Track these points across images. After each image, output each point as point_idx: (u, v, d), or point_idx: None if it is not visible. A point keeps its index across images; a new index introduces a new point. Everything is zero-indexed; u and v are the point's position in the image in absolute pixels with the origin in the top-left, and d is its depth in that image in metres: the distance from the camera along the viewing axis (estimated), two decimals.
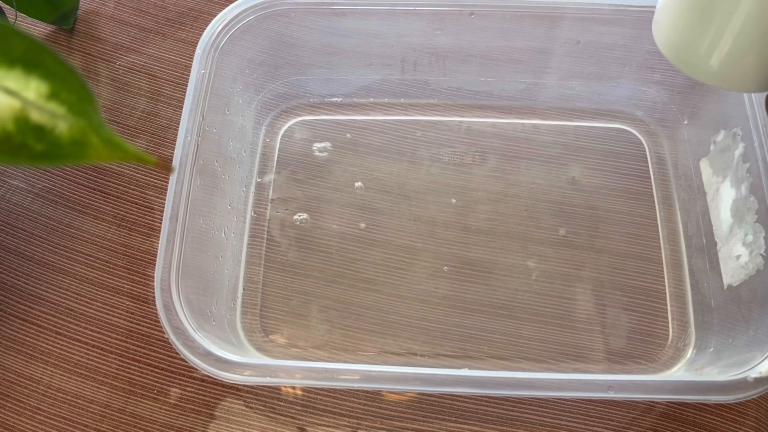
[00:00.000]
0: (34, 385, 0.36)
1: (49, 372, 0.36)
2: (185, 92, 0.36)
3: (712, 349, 0.36)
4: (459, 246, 0.40)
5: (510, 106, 0.44)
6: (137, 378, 0.36)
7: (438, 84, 0.44)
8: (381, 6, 0.39)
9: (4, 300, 0.38)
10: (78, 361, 0.37)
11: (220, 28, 0.38)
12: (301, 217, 0.37)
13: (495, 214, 0.41)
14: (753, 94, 0.36)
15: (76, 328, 0.37)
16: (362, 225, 0.41)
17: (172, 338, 0.31)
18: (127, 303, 0.38)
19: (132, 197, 0.41)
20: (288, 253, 0.40)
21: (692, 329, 0.38)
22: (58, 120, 0.18)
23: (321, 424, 0.35)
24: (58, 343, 0.37)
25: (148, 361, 0.37)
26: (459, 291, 0.39)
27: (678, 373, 0.36)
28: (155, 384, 0.36)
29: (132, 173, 0.42)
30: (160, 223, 0.33)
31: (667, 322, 0.38)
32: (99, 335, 0.37)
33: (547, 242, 0.40)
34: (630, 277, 0.39)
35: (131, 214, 0.41)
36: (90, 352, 0.37)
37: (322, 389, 0.36)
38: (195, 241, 0.34)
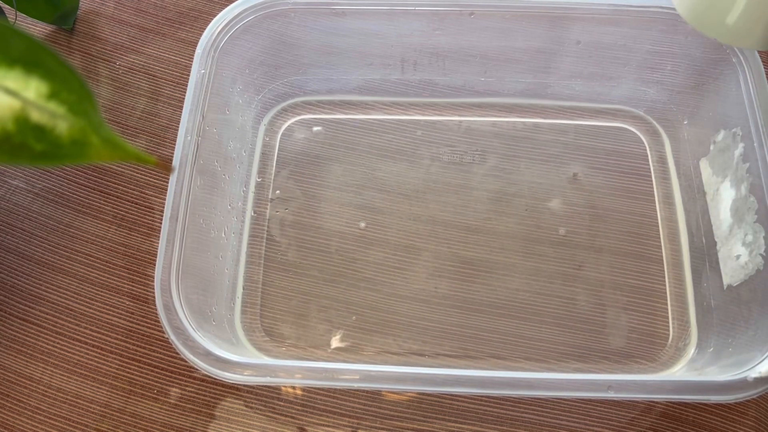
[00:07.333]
0: (34, 385, 0.36)
1: (49, 372, 0.36)
2: (185, 92, 0.36)
3: (712, 349, 0.36)
4: (459, 246, 0.40)
5: (510, 105, 0.44)
6: (137, 378, 0.36)
7: (438, 83, 0.44)
8: (381, 6, 0.39)
9: (4, 300, 0.38)
10: (78, 361, 0.37)
11: (220, 28, 0.38)
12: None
13: (495, 213, 0.41)
14: (753, 93, 0.36)
15: (76, 328, 0.37)
16: (362, 225, 0.41)
17: (172, 338, 0.31)
18: (127, 303, 0.38)
19: (132, 197, 0.41)
20: (288, 252, 0.40)
21: (692, 329, 0.38)
22: (58, 120, 0.18)
23: (321, 424, 0.35)
24: (58, 343, 0.37)
25: (148, 361, 0.37)
26: (459, 291, 0.39)
27: (678, 373, 0.36)
28: (155, 384, 0.36)
29: (132, 173, 0.42)
30: (160, 223, 0.33)
31: (668, 322, 0.38)
32: (99, 335, 0.37)
33: (547, 242, 0.40)
34: (630, 276, 0.39)
35: (131, 214, 0.41)
36: (90, 352, 0.37)
37: (322, 389, 0.36)
38: (195, 241, 0.34)
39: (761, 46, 0.30)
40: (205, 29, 0.38)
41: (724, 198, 0.38)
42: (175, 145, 0.35)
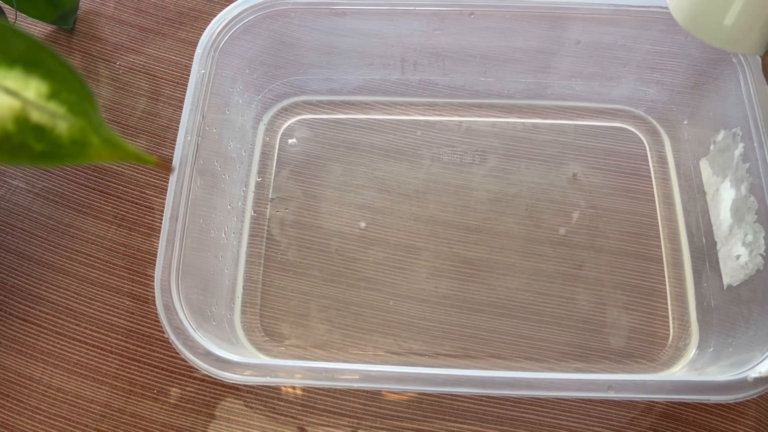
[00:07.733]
0: (34, 385, 0.36)
1: (49, 372, 0.36)
2: (185, 92, 0.36)
3: (712, 349, 0.36)
4: (459, 245, 0.40)
5: (510, 106, 0.44)
6: (137, 378, 0.36)
7: (438, 84, 0.44)
8: (381, 6, 0.39)
9: (4, 300, 0.38)
10: (78, 361, 0.37)
11: (220, 28, 0.38)
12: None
13: (495, 213, 0.41)
14: (753, 93, 0.36)
15: (76, 328, 0.37)
16: (362, 224, 0.41)
17: (172, 338, 0.31)
18: (127, 303, 0.38)
19: (132, 197, 0.41)
20: (288, 252, 0.40)
21: (692, 329, 0.38)
22: (58, 120, 0.18)
23: (321, 424, 0.35)
24: (58, 343, 0.37)
25: (148, 361, 0.37)
26: (459, 291, 0.39)
27: (678, 372, 0.36)
28: (155, 384, 0.36)
29: (132, 173, 0.42)
30: (160, 223, 0.33)
31: (668, 322, 0.38)
32: (99, 335, 0.37)
33: (548, 242, 0.40)
34: (630, 276, 0.39)
35: (131, 214, 0.41)
36: (90, 352, 0.37)
37: (322, 389, 0.36)
38: (195, 241, 0.34)
39: (757, 50, 0.30)
40: (205, 29, 0.38)
41: (724, 198, 0.38)
42: (175, 145, 0.35)
